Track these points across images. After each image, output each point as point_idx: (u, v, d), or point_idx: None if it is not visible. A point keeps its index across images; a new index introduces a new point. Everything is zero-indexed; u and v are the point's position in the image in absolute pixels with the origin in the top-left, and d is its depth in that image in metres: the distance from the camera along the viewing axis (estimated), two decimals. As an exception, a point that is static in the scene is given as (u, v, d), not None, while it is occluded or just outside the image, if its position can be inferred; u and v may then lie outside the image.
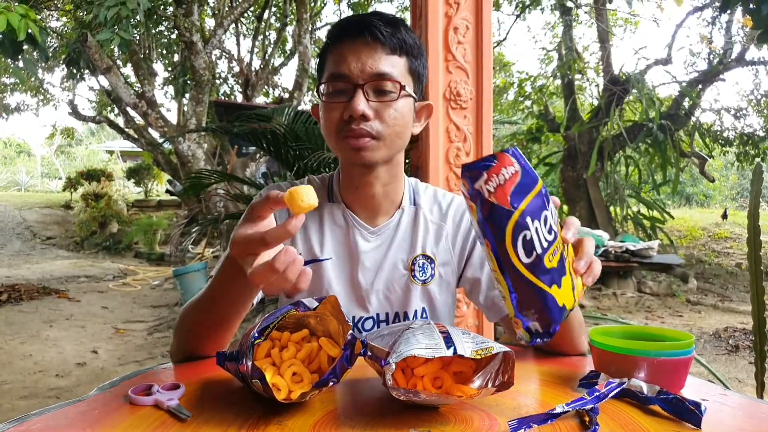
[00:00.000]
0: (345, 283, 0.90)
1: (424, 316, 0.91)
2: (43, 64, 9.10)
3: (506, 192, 0.52)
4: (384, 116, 0.82)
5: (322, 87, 0.84)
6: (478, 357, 0.53)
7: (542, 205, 0.54)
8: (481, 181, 0.52)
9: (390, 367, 0.52)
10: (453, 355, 0.52)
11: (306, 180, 0.97)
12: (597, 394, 0.57)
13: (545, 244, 0.53)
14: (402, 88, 0.83)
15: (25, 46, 3.43)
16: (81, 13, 6.70)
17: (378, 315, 0.90)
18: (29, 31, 3.21)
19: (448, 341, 0.54)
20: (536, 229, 0.53)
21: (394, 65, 0.83)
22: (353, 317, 0.90)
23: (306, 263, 0.89)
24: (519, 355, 0.84)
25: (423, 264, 0.91)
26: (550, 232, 0.54)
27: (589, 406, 0.54)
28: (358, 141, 0.81)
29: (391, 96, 0.82)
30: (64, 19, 8.39)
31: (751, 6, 3.01)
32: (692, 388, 0.65)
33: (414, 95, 0.86)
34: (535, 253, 0.53)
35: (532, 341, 0.56)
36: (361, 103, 0.80)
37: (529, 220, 0.52)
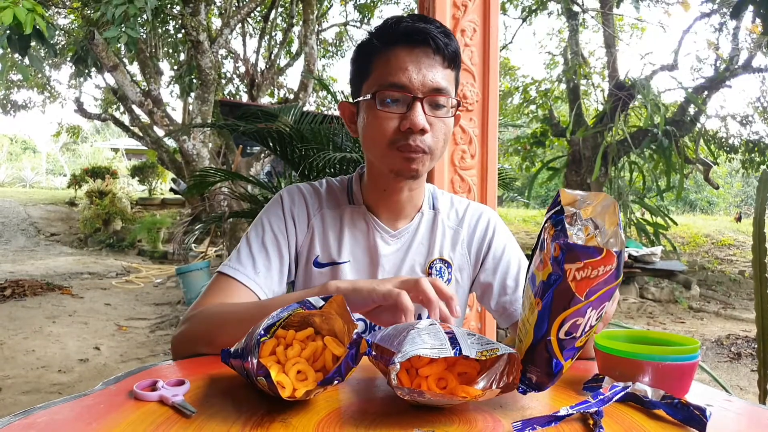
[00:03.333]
0: None
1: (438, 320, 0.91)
2: (50, 61, 9.15)
3: (588, 285, 0.53)
4: (436, 130, 0.82)
5: (378, 94, 0.82)
6: (483, 358, 0.53)
7: (608, 298, 0.55)
8: (574, 267, 0.52)
9: (395, 367, 0.52)
10: (458, 356, 0.52)
11: (324, 182, 0.96)
12: (601, 397, 0.57)
13: (586, 329, 0.55)
14: (458, 104, 0.85)
15: (33, 42, 3.46)
16: (88, 11, 6.73)
17: None
18: (36, 26, 3.23)
19: (453, 342, 0.55)
20: (589, 318, 0.54)
21: (447, 79, 0.83)
22: (370, 321, 0.90)
23: (323, 266, 0.90)
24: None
25: (440, 268, 0.92)
26: (597, 319, 0.56)
27: (593, 409, 0.54)
28: (417, 155, 0.81)
29: (444, 111, 0.83)
30: (72, 16, 8.44)
31: (761, 11, 3.01)
32: (697, 394, 0.65)
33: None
34: (573, 335, 0.55)
35: (524, 389, 0.58)
36: (422, 117, 0.80)
37: (589, 310, 0.54)
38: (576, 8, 7.35)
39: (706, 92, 7.13)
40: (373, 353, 0.60)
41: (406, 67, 0.80)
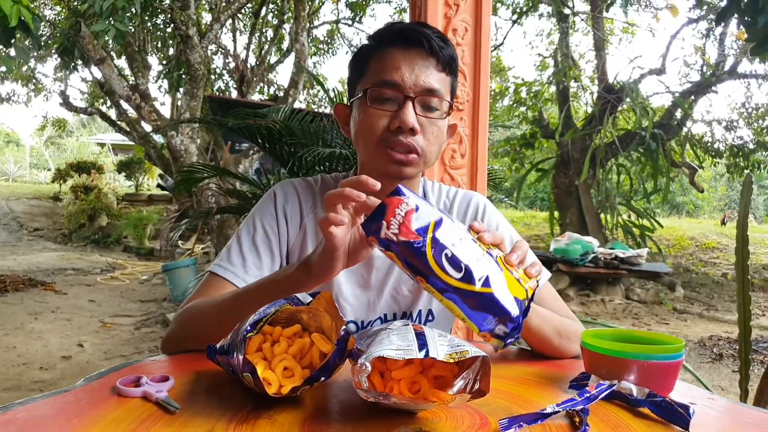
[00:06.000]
0: (356, 285, 0.89)
1: (430, 317, 0.91)
2: (36, 53, 8.99)
3: (409, 227, 0.56)
4: (427, 132, 0.81)
5: (370, 91, 0.81)
6: (452, 360, 0.51)
7: (448, 222, 0.58)
8: (384, 230, 0.56)
9: (365, 369, 0.50)
10: (425, 358, 0.51)
11: (319, 178, 0.95)
12: (587, 395, 0.57)
13: (467, 255, 0.56)
14: (450, 107, 0.84)
15: (18, 34, 3.39)
16: (75, 3, 6.63)
17: (385, 315, 0.90)
18: (21, 17, 3.16)
19: (422, 343, 0.53)
20: (452, 244, 0.56)
21: (442, 83, 0.82)
22: (362, 321, 0.89)
23: None
24: (510, 355, 0.84)
25: None
26: (465, 243, 0.57)
27: (579, 407, 0.55)
28: (406, 156, 0.80)
29: (436, 113, 0.82)
30: (58, 8, 8.31)
31: (746, 18, 3.05)
32: (681, 392, 0.65)
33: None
34: (463, 265, 0.55)
35: (505, 343, 0.56)
36: (412, 116, 0.79)
37: (443, 240, 0.56)
38: (566, 11, 7.40)
39: (692, 97, 7.24)
40: (351, 354, 0.59)
41: (399, 66, 0.80)
